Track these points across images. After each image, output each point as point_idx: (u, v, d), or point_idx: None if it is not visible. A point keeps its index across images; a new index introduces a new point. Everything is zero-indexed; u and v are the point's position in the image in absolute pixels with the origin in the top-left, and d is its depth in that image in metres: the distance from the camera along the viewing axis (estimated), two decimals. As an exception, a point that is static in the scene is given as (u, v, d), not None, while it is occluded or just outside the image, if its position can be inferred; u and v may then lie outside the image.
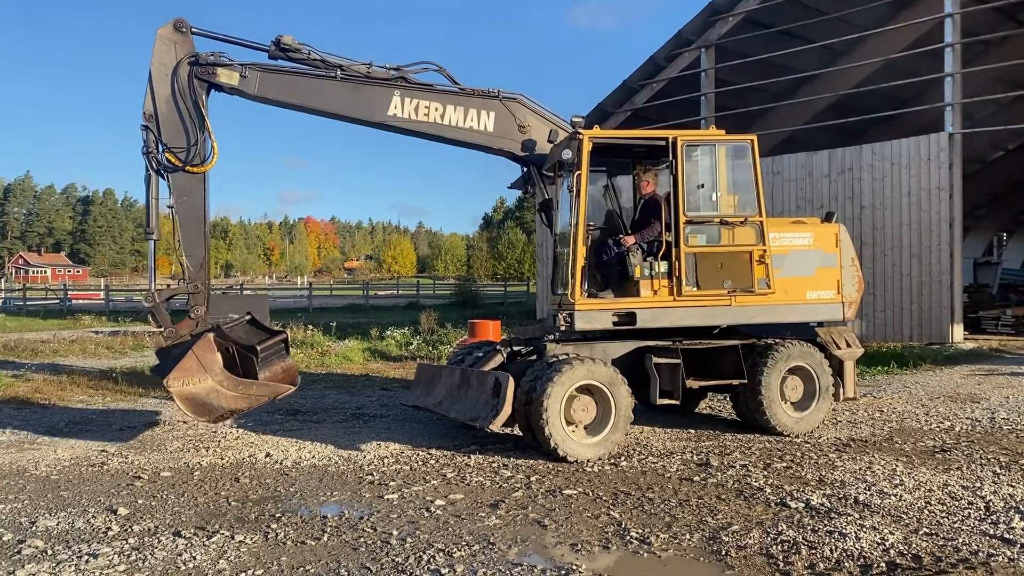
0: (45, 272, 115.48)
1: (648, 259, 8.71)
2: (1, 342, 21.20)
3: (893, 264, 19.23)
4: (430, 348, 18.56)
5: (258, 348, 8.26)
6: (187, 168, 8.36)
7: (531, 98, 9.21)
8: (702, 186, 8.76)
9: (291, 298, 47.53)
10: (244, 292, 39.98)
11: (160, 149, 8.30)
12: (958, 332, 18.59)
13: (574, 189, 8.40)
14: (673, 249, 8.57)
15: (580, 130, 8.60)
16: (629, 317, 8.56)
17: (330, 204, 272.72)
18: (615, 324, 8.55)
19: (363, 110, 8.81)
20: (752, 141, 8.91)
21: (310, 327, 22.57)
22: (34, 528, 6.05)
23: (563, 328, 8.53)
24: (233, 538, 5.77)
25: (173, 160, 8.32)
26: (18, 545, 5.66)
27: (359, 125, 9.11)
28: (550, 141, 9.16)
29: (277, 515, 6.32)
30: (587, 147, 8.41)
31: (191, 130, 8.34)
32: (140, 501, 6.76)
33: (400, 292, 58.64)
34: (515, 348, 9.52)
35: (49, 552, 5.53)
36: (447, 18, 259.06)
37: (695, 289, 8.58)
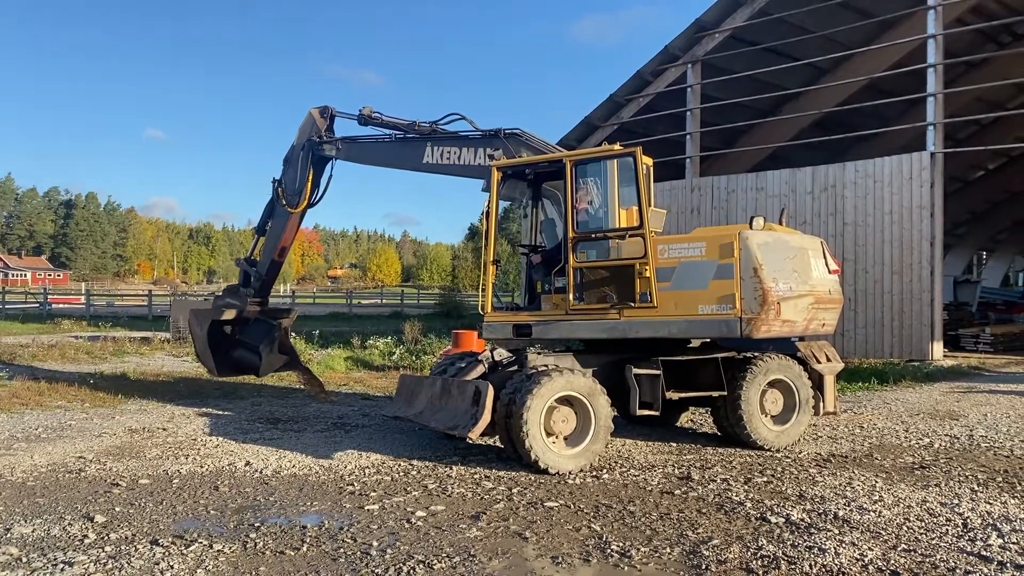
0: (25, 275, 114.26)
1: (548, 275, 9.14)
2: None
3: (875, 281, 19.38)
4: (413, 358, 18.53)
5: (204, 342, 12.54)
6: (284, 203, 12.41)
7: (527, 132, 10.20)
8: (591, 202, 8.86)
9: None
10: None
11: (276, 186, 12.49)
12: (938, 349, 18.75)
13: (485, 215, 9.02)
14: (565, 265, 8.76)
15: (489, 162, 9.45)
16: (526, 328, 9.08)
17: (322, 211, 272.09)
18: (515, 335, 9.18)
19: (407, 162, 11.50)
20: (634, 153, 8.53)
21: (292, 335, 22.44)
22: (9, 535, 5.97)
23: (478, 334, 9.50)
24: (211, 547, 5.72)
25: (281, 193, 12.46)
26: (-8, 552, 5.59)
27: (404, 170, 11.91)
28: None
29: (256, 524, 6.27)
30: (496, 177, 9.15)
31: (297, 182, 12.23)
32: (118, 509, 6.69)
33: (384, 301, 58.52)
34: (497, 359, 9.54)
35: (24, 560, 5.46)
36: (451, 28, 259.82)
37: (580, 303, 8.68)
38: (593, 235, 8.72)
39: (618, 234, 8.55)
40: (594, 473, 7.97)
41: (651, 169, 9.11)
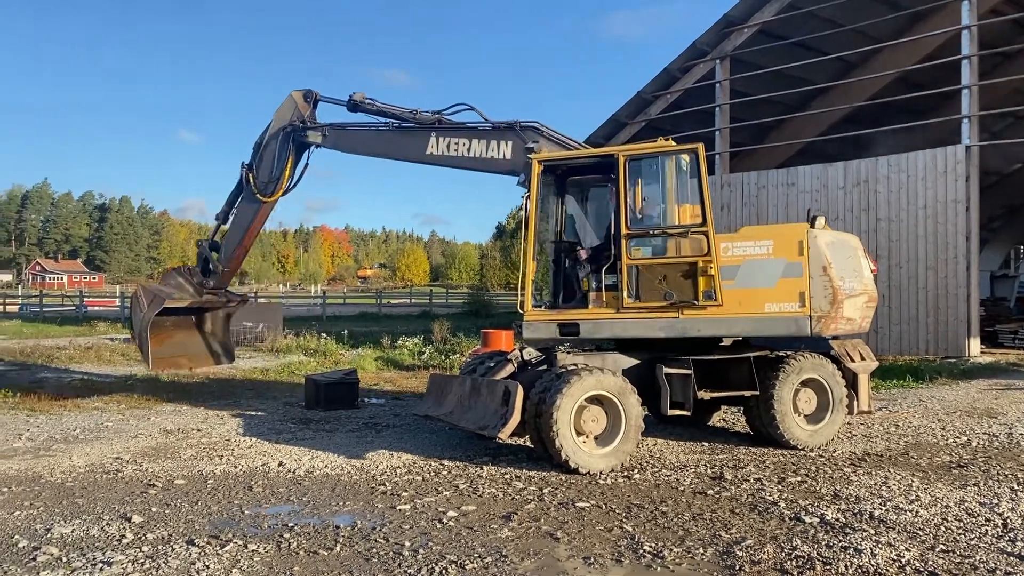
0: (61, 279, 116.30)
1: (596, 272, 8.90)
2: (18, 348, 21.38)
3: (909, 277, 19.10)
4: (443, 357, 18.58)
5: (148, 325, 11.15)
6: (255, 192, 11.35)
7: (546, 125, 9.77)
8: (646, 199, 8.76)
9: (305, 306, 47.71)
10: (258, 301, 40.11)
11: (246, 170, 11.36)
12: (975, 346, 18.44)
13: (524, 210, 8.68)
14: (617, 262, 8.61)
15: (529, 155, 9.06)
16: (573, 327, 8.76)
17: (354, 212, 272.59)
18: (560, 334, 8.82)
19: (408, 152, 10.69)
20: (697, 150, 8.57)
21: (323, 335, 22.66)
22: (49, 535, 6.09)
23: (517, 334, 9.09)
24: (246, 547, 5.78)
25: (252, 180, 11.35)
26: (33, 552, 5.70)
27: (406, 162, 10.99)
28: None
29: (290, 524, 6.33)
30: (536, 170, 8.81)
31: (273, 169, 11.23)
32: (154, 509, 6.79)
33: (413, 301, 58.76)
34: (526, 358, 9.53)
35: (64, 559, 5.56)
36: (480, 26, 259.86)
37: (636, 301, 8.54)
38: (652, 232, 8.62)
39: (680, 231, 8.49)
40: (625, 473, 7.94)
41: None
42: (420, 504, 6.89)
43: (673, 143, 8.75)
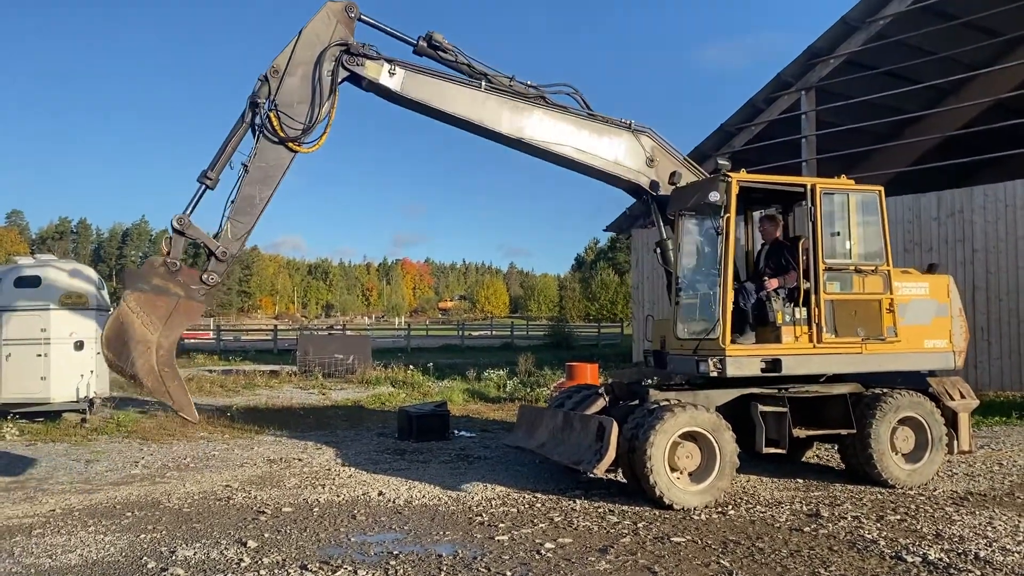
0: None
1: (788, 305, 8.76)
2: (124, 381, 22.48)
3: (1009, 309, 18.43)
4: (527, 390, 18.77)
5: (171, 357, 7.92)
6: (288, 143, 8.03)
7: (660, 134, 9.29)
8: (837, 233, 8.89)
9: (390, 338, 48.68)
10: (347, 333, 41.22)
11: (267, 108, 7.97)
12: (1083, 381, 17.61)
13: (722, 231, 8.41)
14: (812, 295, 8.63)
15: (728, 173, 8.67)
16: (775, 364, 8.53)
17: (438, 244, 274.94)
18: (763, 371, 8.50)
19: (502, 124, 8.75)
20: (880, 192, 9.19)
21: (410, 367, 23.18)
22: (174, 557, 6.50)
23: (714, 374, 8.35)
24: (356, 573, 6.06)
25: (276, 125, 7.96)
26: (161, 573, 6.11)
27: (491, 140, 8.92)
28: (671, 183, 9.35)
29: (395, 552, 6.59)
30: (735, 190, 8.49)
31: (313, 110, 8.07)
32: (266, 535, 7.15)
33: (494, 333, 59.21)
34: (616, 392, 9.62)
35: (189, 580, 5.94)
36: (571, 57, 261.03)
37: (834, 336, 8.65)
38: (848, 267, 8.83)
39: (871, 267, 8.90)
40: (720, 509, 7.96)
41: None
42: (517, 535, 7.07)
43: (853, 182, 9.16)
